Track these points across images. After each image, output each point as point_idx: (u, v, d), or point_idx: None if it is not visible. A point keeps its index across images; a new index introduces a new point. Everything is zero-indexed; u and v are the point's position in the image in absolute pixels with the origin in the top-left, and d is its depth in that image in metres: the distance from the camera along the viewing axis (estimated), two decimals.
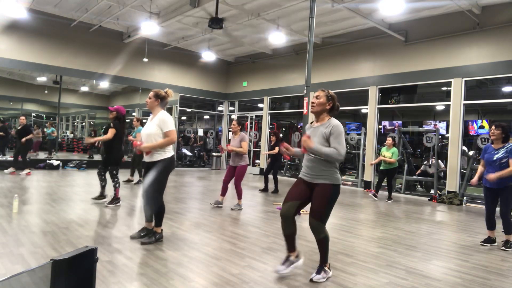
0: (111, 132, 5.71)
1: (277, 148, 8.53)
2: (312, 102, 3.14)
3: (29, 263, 3.15)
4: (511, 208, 4.49)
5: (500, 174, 4.34)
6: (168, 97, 4.07)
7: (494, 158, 4.50)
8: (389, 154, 8.07)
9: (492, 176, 4.37)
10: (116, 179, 5.89)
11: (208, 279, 3.02)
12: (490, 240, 4.67)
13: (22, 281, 1.10)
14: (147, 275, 3.05)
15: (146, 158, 3.93)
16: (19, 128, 9.28)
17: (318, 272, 3.10)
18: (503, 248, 4.48)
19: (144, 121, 5.93)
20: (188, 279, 3.01)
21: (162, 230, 4.05)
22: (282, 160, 8.98)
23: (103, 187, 6.02)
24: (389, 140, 8.27)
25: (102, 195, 6.05)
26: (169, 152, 3.93)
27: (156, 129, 3.86)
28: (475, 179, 4.81)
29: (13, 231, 4.09)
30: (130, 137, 8.38)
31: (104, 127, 6.24)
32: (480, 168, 4.86)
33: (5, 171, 9.26)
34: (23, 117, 9.24)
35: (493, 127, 4.62)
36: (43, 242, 3.76)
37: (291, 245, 3.21)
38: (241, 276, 3.12)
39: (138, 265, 3.26)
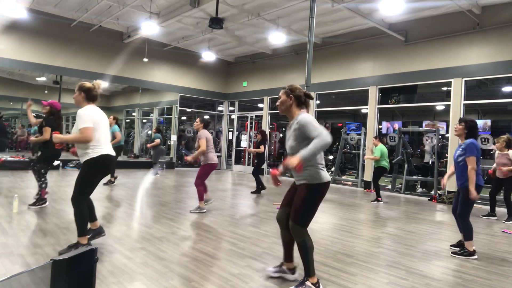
0: (47, 132, 5.30)
1: (262, 147, 8.34)
2: (277, 105, 3.00)
3: (29, 263, 3.15)
4: (468, 210, 4.15)
5: (472, 186, 3.98)
6: (95, 88, 3.63)
7: (455, 156, 4.22)
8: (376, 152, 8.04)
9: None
10: (43, 179, 5.50)
11: (208, 279, 3.02)
12: (460, 244, 4.32)
13: (22, 281, 1.10)
14: (147, 275, 3.05)
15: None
16: None
17: (298, 285, 2.84)
18: (454, 253, 4.12)
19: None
20: (188, 279, 3.01)
21: (90, 240, 3.62)
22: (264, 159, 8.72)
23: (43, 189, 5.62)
24: (373, 139, 8.26)
25: (42, 199, 5.63)
26: (94, 152, 3.46)
27: (75, 127, 3.48)
28: (445, 180, 4.44)
29: (13, 231, 4.09)
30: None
31: (38, 125, 5.91)
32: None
33: None
34: None
35: (457, 122, 4.25)
36: (43, 242, 3.76)
37: (287, 255, 3.08)
38: (241, 276, 3.12)
39: (138, 265, 3.26)
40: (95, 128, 3.46)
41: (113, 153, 3.66)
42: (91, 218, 3.72)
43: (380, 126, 11.03)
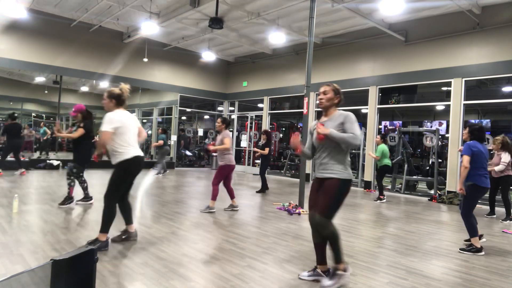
0: (78, 132, 5.50)
1: (267, 149, 8.53)
2: (321, 98, 3.12)
3: (29, 263, 3.15)
4: (469, 209, 4.30)
5: (460, 181, 4.32)
6: (124, 93, 3.74)
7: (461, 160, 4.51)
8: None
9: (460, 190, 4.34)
10: (73, 178, 5.63)
11: (208, 279, 3.02)
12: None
13: (22, 281, 1.10)
14: (147, 275, 3.04)
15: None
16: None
17: (330, 277, 2.93)
18: (462, 250, 4.26)
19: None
20: (188, 279, 3.01)
21: (108, 238, 3.70)
22: (271, 159, 8.94)
23: (85, 188, 5.84)
24: (376, 138, 8.38)
25: (87, 197, 5.89)
26: (123, 155, 3.61)
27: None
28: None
29: (13, 231, 4.09)
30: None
31: (76, 126, 6.00)
32: None
33: (15, 172, 9.17)
34: None
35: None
36: (43, 242, 3.76)
37: (319, 257, 3.08)
38: (241, 276, 3.12)
39: (138, 265, 3.26)
40: (123, 131, 3.62)
41: (141, 154, 3.82)
42: (127, 221, 3.97)
43: (380, 126, 11.04)
